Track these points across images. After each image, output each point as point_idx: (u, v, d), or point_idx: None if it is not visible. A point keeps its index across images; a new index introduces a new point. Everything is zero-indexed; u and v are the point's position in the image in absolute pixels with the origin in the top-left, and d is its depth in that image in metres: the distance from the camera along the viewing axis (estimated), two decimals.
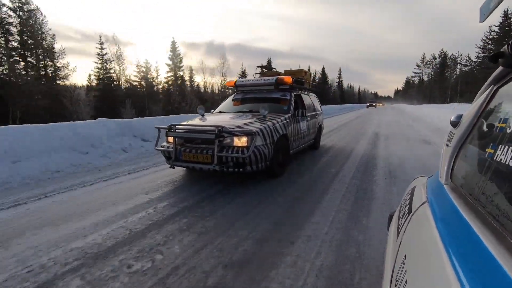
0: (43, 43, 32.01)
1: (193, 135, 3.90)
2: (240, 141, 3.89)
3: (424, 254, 0.69)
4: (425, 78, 79.27)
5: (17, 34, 30.03)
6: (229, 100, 6.07)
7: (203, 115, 5.22)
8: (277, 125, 4.46)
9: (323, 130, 8.00)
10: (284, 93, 5.58)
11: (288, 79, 5.46)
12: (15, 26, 29.65)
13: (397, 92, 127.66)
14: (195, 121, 4.70)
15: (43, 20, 31.69)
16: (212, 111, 5.98)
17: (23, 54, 30.52)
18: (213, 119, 4.72)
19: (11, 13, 29.14)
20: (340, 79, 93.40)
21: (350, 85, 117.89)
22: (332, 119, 19.09)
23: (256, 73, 6.47)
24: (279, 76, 5.59)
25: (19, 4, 29.68)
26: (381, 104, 79.01)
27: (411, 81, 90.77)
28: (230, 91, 6.00)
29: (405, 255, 0.76)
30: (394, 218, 1.25)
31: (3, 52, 27.54)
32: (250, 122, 4.26)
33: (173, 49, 48.89)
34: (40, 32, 31.55)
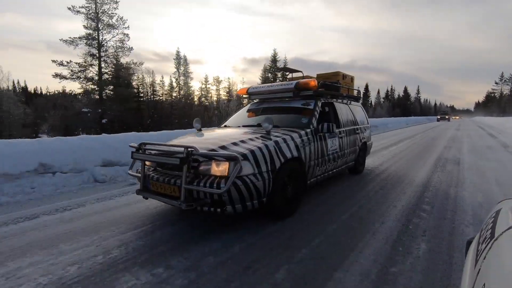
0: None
1: (158, 158, 2.84)
2: (219, 169, 2.70)
3: (507, 284, 0.65)
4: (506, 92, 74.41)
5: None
6: (242, 111, 4.93)
7: (199, 130, 4.17)
8: (283, 145, 3.15)
9: (370, 149, 6.29)
10: (308, 101, 4.23)
11: (312, 82, 4.11)
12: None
13: (478, 105, 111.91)
14: (182, 138, 3.67)
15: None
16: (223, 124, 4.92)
17: None
18: (204, 135, 3.63)
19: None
20: (418, 94, 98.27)
21: (427, 99, 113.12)
22: (391, 134, 16.51)
23: (287, 75, 5.16)
24: (301, 80, 4.27)
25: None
26: (457, 117, 69.12)
27: (492, 95, 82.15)
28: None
29: (484, 284, 0.71)
30: (473, 244, 1.16)
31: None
32: (242, 141, 3.04)
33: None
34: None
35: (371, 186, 4.58)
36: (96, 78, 31.73)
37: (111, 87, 32.70)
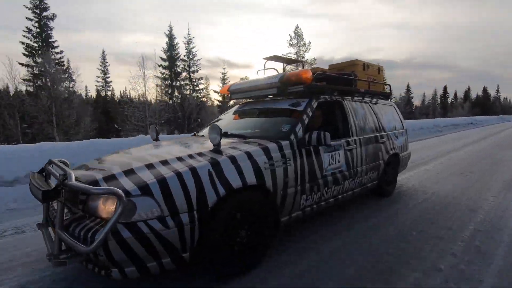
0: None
1: (34, 184, 1.98)
2: (106, 208, 1.75)
3: None
4: None
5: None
6: (229, 114, 3.90)
7: (155, 139, 3.25)
8: (229, 168, 2.06)
9: (406, 162, 4.75)
10: (299, 100, 3.05)
11: (303, 74, 2.92)
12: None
13: None
14: (109, 155, 2.77)
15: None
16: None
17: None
18: (139, 150, 2.69)
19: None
20: (498, 94, 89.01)
21: (507, 98, 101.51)
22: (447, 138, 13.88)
23: (262, 69, 3.96)
24: (288, 72, 3.09)
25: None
26: None
27: None
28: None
29: None
30: None
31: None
32: (165, 162, 2.05)
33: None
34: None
35: (402, 221, 3.20)
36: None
37: None
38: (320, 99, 3.10)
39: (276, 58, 3.50)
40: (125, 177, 1.88)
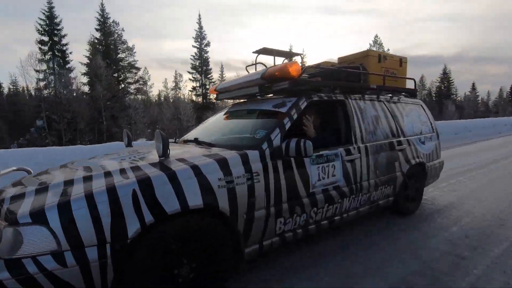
0: None
1: None
2: None
3: None
4: None
5: None
6: (220, 115, 3.46)
7: (127, 145, 2.93)
8: (164, 188, 1.63)
9: (437, 172, 3.92)
10: (286, 100, 2.52)
11: (289, 67, 2.39)
12: None
13: None
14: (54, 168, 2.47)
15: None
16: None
17: None
18: (88, 162, 2.38)
19: None
20: None
21: None
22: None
23: (251, 65, 3.40)
24: (272, 67, 2.57)
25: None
26: None
27: None
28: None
29: None
30: None
31: None
32: (88, 178, 1.69)
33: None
34: None
35: (427, 252, 2.52)
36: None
37: None
38: (312, 98, 2.55)
39: (265, 51, 3.00)
40: (32, 197, 1.55)
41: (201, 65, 35.07)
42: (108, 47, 29.04)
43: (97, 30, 28.97)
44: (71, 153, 5.20)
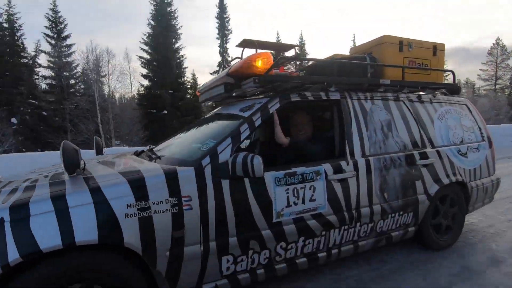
0: None
1: None
2: None
3: None
4: None
5: None
6: (200, 121, 3.04)
7: (98, 154, 2.69)
8: (39, 217, 1.26)
9: (486, 196, 2.94)
10: (256, 102, 2.01)
11: (251, 62, 1.88)
12: None
13: None
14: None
15: None
16: None
17: None
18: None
19: None
20: None
21: None
22: None
23: (234, 59, 2.83)
24: (238, 62, 2.05)
25: None
26: None
27: None
28: None
29: None
30: None
31: None
32: None
33: None
34: None
35: None
36: None
37: None
38: (289, 99, 1.99)
39: (246, 44, 2.50)
40: None
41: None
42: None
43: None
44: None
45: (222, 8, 25.98)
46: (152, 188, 1.46)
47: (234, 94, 2.27)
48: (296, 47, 2.66)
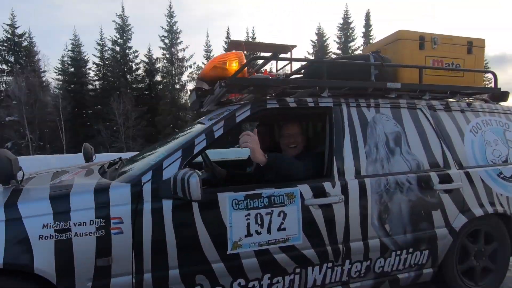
0: None
1: None
2: None
3: None
4: None
5: None
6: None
7: (88, 160, 2.62)
8: None
9: None
10: (228, 109, 1.74)
11: (214, 63, 1.63)
12: None
13: None
14: None
15: None
16: None
17: None
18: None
19: None
20: None
21: None
22: None
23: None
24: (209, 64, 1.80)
25: None
26: None
27: None
28: None
29: None
30: None
31: None
32: None
33: None
34: None
35: None
36: None
37: None
38: (264, 106, 1.69)
39: (233, 46, 2.23)
40: None
41: None
42: None
43: None
44: None
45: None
46: (76, 206, 1.28)
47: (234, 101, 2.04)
48: (292, 48, 2.34)
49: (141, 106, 23.16)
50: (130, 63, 25.75)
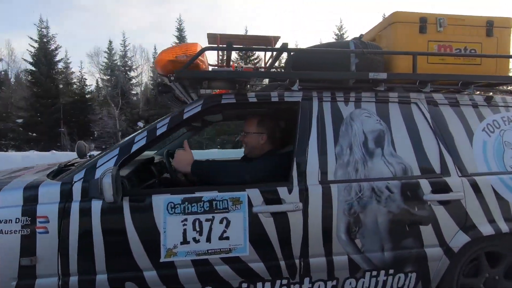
0: None
1: None
2: None
3: None
4: None
5: None
6: None
7: (82, 157, 2.69)
8: None
9: None
10: (183, 107, 1.62)
11: (162, 55, 1.52)
12: None
13: None
14: None
15: None
16: None
17: None
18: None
19: None
20: None
21: None
22: None
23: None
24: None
25: None
26: None
27: None
28: None
29: None
30: None
31: None
32: None
33: None
34: None
35: None
36: None
37: None
38: (217, 101, 1.54)
39: (209, 39, 2.09)
40: None
41: None
42: None
43: None
44: None
45: None
46: (4, 203, 1.26)
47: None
48: (276, 40, 2.14)
49: None
50: None
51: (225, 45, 1.55)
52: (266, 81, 2.08)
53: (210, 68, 1.86)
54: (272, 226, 1.38)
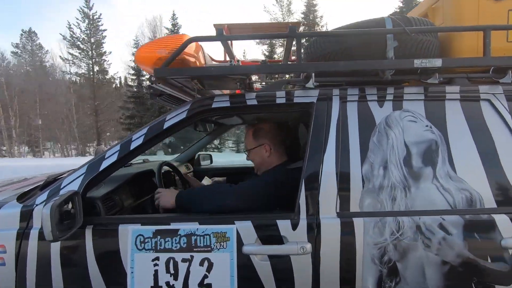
0: None
1: None
2: None
3: None
4: None
5: None
6: None
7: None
8: None
9: None
10: (182, 106, 1.34)
11: (142, 48, 1.25)
12: None
13: None
14: None
15: None
16: None
17: None
18: None
19: None
20: None
21: None
22: None
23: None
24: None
25: None
26: None
27: None
28: None
29: None
30: None
31: None
32: None
33: None
34: None
35: None
36: None
37: None
38: (206, 106, 1.22)
39: (217, 29, 1.77)
40: None
41: None
42: None
43: None
44: None
45: None
46: None
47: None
48: (299, 26, 1.73)
49: None
50: None
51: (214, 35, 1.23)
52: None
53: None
54: (269, 273, 1.03)
